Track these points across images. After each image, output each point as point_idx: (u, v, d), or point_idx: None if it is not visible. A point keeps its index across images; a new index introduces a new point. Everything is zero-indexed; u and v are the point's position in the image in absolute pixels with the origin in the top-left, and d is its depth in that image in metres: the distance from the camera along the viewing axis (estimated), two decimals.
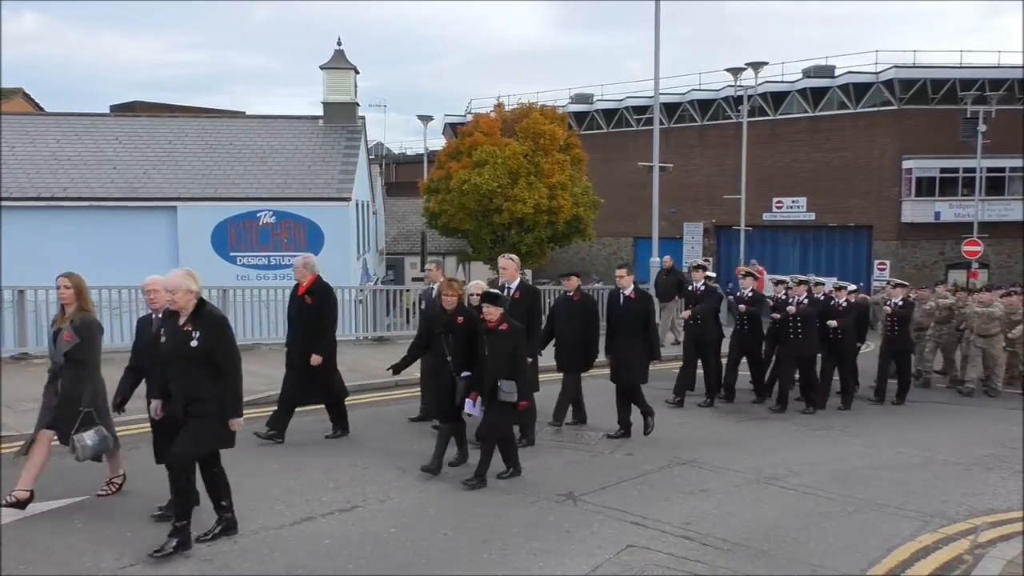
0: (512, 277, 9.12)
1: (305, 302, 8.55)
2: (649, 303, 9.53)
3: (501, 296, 7.59)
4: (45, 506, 6.32)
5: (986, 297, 13.61)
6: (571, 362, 9.43)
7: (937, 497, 7.50)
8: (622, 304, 9.35)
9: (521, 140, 27.33)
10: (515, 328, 7.42)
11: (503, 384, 7.19)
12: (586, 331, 9.33)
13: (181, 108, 32.84)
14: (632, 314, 9.25)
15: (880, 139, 35.27)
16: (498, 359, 7.27)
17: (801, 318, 11.21)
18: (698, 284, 11.94)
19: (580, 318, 9.33)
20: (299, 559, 5.57)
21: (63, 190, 18.97)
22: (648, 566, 5.62)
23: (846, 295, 12.05)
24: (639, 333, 9.20)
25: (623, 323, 9.31)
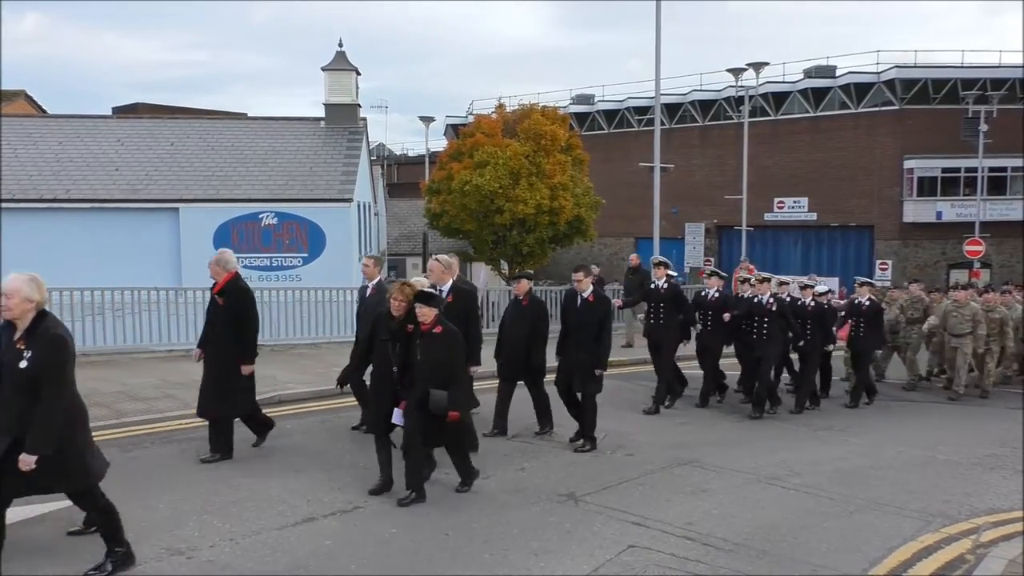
0: (441, 279, 8.41)
1: (217, 302, 7.84)
2: (607, 308, 8.87)
3: (435, 295, 7.02)
4: (47, 507, 6.33)
5: (961, 296, 13.22)
6: (516, 369, 8.99)
7: (938, 497, 7.50)
8: (579, 307, 8.76)
9: (522, 141, 27.31)
10: (451, 332, 6.82)
11: (434, 394, 6.61)
12: (532, 337, 8.84)
13: (183, 110, 32.89)
14: (588, 319, 8.63)
15: (881, 139, 35.28)
16: (431, 365, 6.68)
17: (768, 319, 10.86)
18: (660, 282, 11.30)
19: (528, 322, 8.86)
20: (301, 559, 5.58)
21: (66, 192, 19.00)
22: (649, 566, 5.63)
23: (812, 295, 11.71)
24: (593, 339, 8.61)
25: (578, 327, 8.71)
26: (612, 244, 40.95)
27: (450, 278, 8.48)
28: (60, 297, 13.49)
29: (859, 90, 35.79)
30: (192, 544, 5.75)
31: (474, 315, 8.59)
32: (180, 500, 6.58)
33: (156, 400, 10.35)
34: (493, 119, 29.53)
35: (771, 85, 37.03)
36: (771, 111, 38.00)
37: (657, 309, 11.28)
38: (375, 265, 9.10)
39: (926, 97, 34.52)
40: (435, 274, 8.44)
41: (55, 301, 13.45)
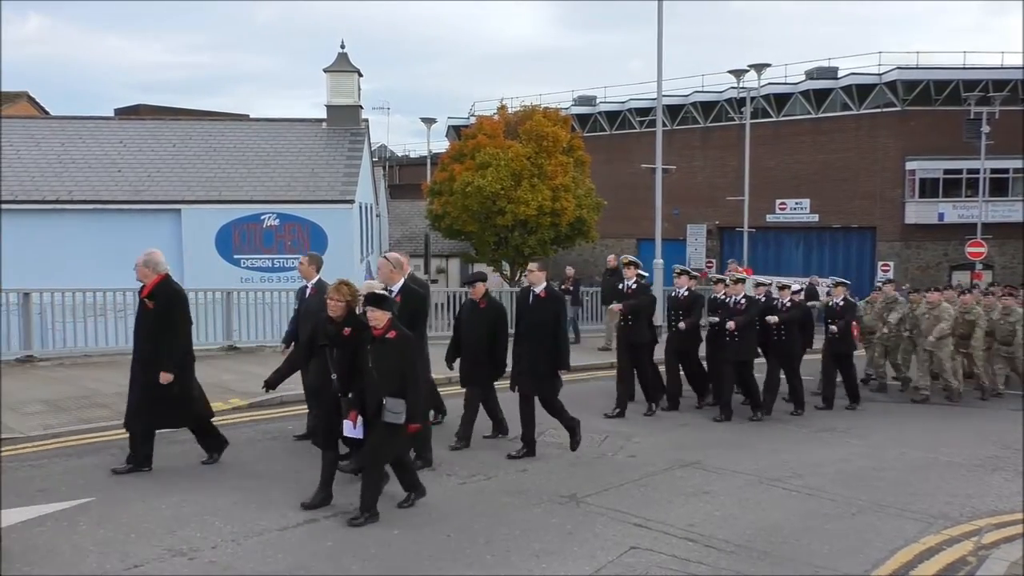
0: (390, 279, 7.82)
1: (146, 306, 7.31)
2: (560, 304, 8.46)
3: (387, 298, 6.55)
4: (50, 507, 6.34)
5: (934, 297, 12.99)
6: (476, 374, 8.66)
7: (940, 498, 7.49)
8: (531, 303, 8.35)
9: (524, 142, 27.32)
10: (405, 337, 6.36)
11: (388, 403, 6.13)
12: (492, 340, 8.51)
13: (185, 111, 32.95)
14: (540, 315, 8.23)
15: (883, 140, 35.25)
16: (384, 372, 6.21)
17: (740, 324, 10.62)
18: (629, 282, 10.90)
19: (485, 326, 8.52)
20: (302, 560, 5.58)
21: (68, 193, 19.02)
22: (651, 568, 5.62)
23: (790, 295, 11.48)
24: (547, 337, 8.19)
25: (530, 325, 8.31)
26: (614, 245, 40.84)
27: (400, 277, 7.92)
28: (62, 298, 13.53)
29: (861, 91, 35.76)
30: (194, 545, 5.75)
31: (422, 318, 8.00)
32: (182, 501, 6.59)
33: None
34: (495, 120, 29.56)
35: (773, 86, 37.00)
36: (773, 112, 37.98)
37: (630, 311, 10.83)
38: (311, 264, 8.45)
39: (928, 98, 34.48)
40: (383, 273, 7.90)
41: (57, 302, 13.51)
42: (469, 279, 9.04)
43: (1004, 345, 13.41)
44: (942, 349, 12.58)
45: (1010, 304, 13.63)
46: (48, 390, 10.81)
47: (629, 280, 10.93)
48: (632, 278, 10.92)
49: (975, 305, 13.33)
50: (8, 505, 6.31)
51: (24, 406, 9.66)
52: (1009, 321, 13.34)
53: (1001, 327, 13.39)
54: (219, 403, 10.14)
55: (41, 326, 13.36)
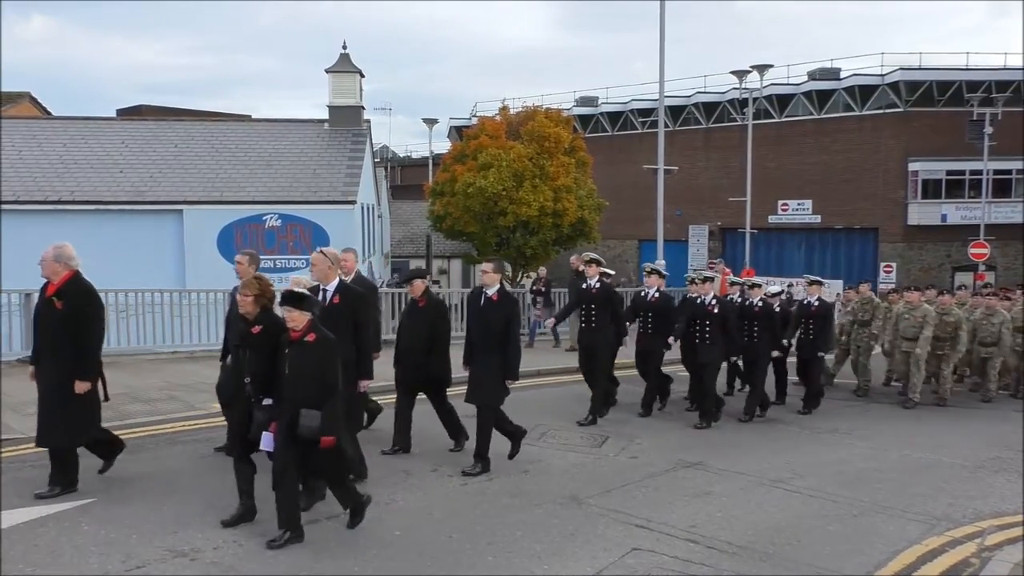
0: (326, 276, 7.13)
1: (54, 306, 6.57)
2: (513, 308, 7.82)
3: (308, 297, 5.92)
4: (52, 508, 6.34)
5: (913, 297, 12.51)
6: (414, 378, 8.24)
7: (943, 500, 7.48)
8: (482, 306, 7.76)
9: (526, 143, 27.34)
10: (325, 340, 5.80)
11: (304, 414, 5.63)
12: (432, 342, 8.08)
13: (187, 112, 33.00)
14: (492, 320, 7.67)
15: (886, 141, 35.25)
16: (302, 379, 5.69)
17: (710, 322, 10.14)
18: (592, 281, 10.33)
19: (426, 326, 8.09)
20: (304, 561, 5.57)
21: (70, 193, 19.04)
22: (653, 569, 5.61)
23: (761, 295, 11.03)
24: (498, 343, 7.65)
25: (481, 330, 7.76)
26: (616, 246, 40.95)
27: (336, 275, 7.23)
28: None
29: (863, 92, 35.76)
30: (195, 546, 5.75)
31: (365, 320, 7.22)
32: (183, 502, 6.58)
33: (160, 402, 10.37)
34: (497, 121, 29.58)
35: (775, 87, 37.01)
36: (775, 113, 37.97)
37: (588, 311, 10.29)
38: (249, 263, 7.69)
39: (931, 99, 34.48)
40: (319, 269, 7.12)
41: None
42: (406, 276, 8.38)
43: (984, 347, 13.01)
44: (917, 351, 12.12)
45: (993, 305, 13.21)
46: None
47: (592, 279, 10.36)
48: (595, 276, 10.33)
49: (954, 306, 12.88)
50: (9, 506, 6.32)
51: (25, 407, 9.65)
52: (992, 322, 12.94)
53: (983, 328, 12.99)
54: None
55: None
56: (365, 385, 7.13)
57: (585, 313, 10.33)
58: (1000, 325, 12.89)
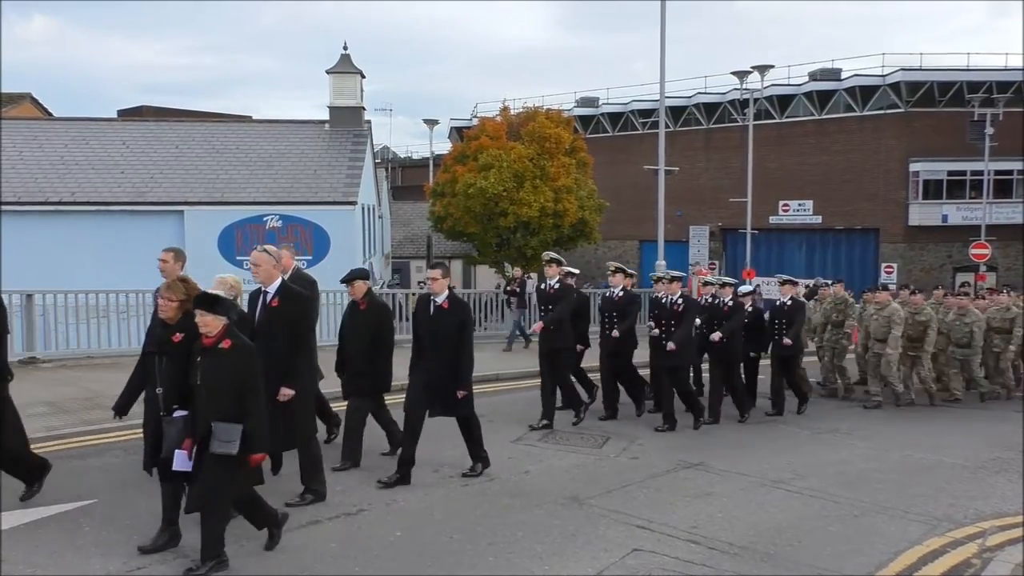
0: (269, 277, 6.55)
1: None
2: (465, 315, 7.38)
3: (221, 300, 5.39)
4: (53, 509, 6.34)
5: (882, 297, 12.27)
6: (358, 386, 7.78)
7: (944, 500, 7.47)
8: (432, 315, 7.32)
9: (527, 144, 27.33)
10: (242, 347, 5.30)
11: (218, 429, 5.13)
12: (374, 347, 7.68)
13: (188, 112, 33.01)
14: (443, 328, 7.24)
15: (887, 142, 35.25)
16: (215, 390, 5.19)
17: (676, 322, 9.75)
18: (551, 281, 9.88)
19: (367, 330, 7.67)
20: (306, 562, 5.58)
21: (71, 194, 19.07)
22: (654, 569, 5.61)
23: (731, 293, 10.64)
24: (451, 353, 7.23)
25: (431, 339, 7.31)
26: (616, 247, 40.92)
27: (279, 276, 6.62)
28: (65, 299, 13.55)
29: (864, 93, 35.75)
30: (197, 546, 5.73)
31: (302, 328, 6.63)
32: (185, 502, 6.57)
33: None
34: (497, 122, 29.57)
35: (776, 88, 36.99)
36: (776, 114, 37.97)
37: (547, 312, 9.86)
38: (175, 260, 6.97)
39: (932, 100, 34.47)
40: (263, 270, 6.50)
41: (59, 303, 13.53)
42: (347, 276, 7.87)
43: (959, 348, 12.75)
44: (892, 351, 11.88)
45: (965, 305, 12.92)
46: (51, 392, 10.82)
47: (551, 279, 9.92)
48: (555, 276, 9.89)
49: (926, 306, 12.55)
50: (11, 507, 6.32)
51: (27, 408, 9.62)
52: (965, 322, 12.66)
53: (956, 328, 12.71)
54: None
55: (44, 327, 13.38)
56: (285, 394, 6.32)
57: (545, 314, 9.91)
58: (972, 325, 12.64)
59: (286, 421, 6.38)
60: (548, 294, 9.94)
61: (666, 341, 9.79)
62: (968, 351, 12.73)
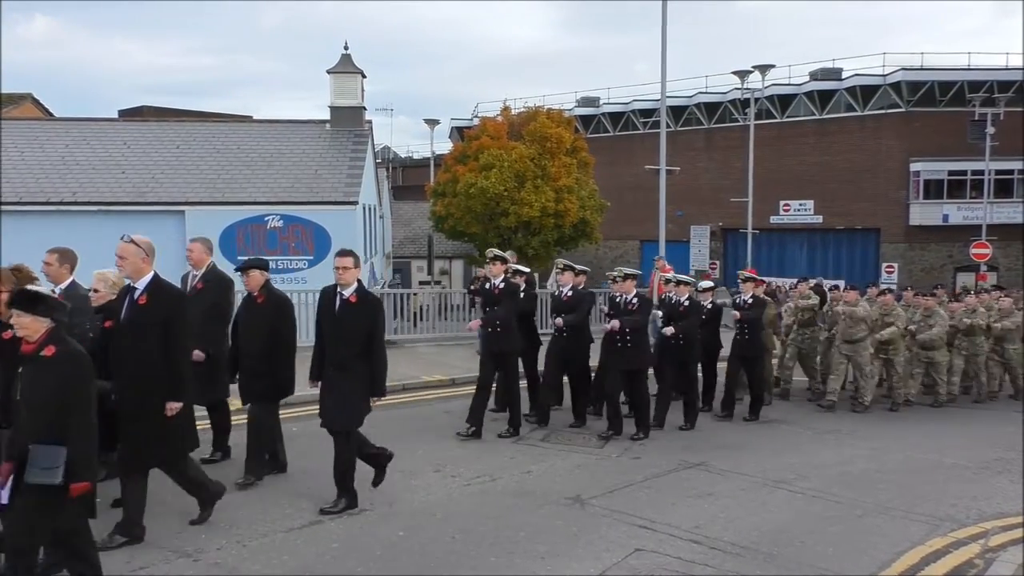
0: (138, 272, 5.68)
1: None
2: (375, 311, 6.55)
3: (44, 298, 4.59)
4: None
5: (852, 296, 11.81)
6: (255, 389, 7.07)
7: (946, 501, 7.47)
8: (337, 311, 6.47)
9: (528, 143, 27.33)
10: (68, 355, 4.49)
11: (37, 453, 4.33)
12: (274, 346, 6.97)
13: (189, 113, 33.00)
14: (350, 326, 6.42)
15: (888, 141, 35.24)
16: (35, 406, 4.41)
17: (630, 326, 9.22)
18: (496, 280, 9.21)
19: (265, 326, 6.98)
20: (307, 562, 5.58)
21: (72, 194, 19.06)
22: (656, 569, 5.61)
23: (689, 291, 10.22)
24: (358, 355, 6.42)
25: (336, 338, 6.48)
26: (617, 247, 40.93)
27: (151, 269, 5.72)
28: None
29: (865, 92, 35.74)
30: (199, 546, 5.75)
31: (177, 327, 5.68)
32: (186, 502, 6.57)
33: None
34: (498, 122, 29.58)
35: (777, 87, 36.99)
36: (777, 114, 37.96)
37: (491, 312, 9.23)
38: (60, 263, 6.34)
39: (932, 99, 34.46)
40: (130, 263, 5.67)
41: None
42: (242, 264, 7.17)
43: (924, 350, 12.33)
44: (860, 353, 11.60)
45: (930, 306, 12.42)
46: None
47: (496, 279, 9.27)
48: (499, 276, 9.26)
49: (896, 307, 12.18)
50: None
51: None
52: (929, 324, 12.21)
53: (921, 329, 12.25)
54: None
55: None
56: (173, 408, 5.59)
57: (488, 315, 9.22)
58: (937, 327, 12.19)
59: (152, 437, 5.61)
60: (492, 294, 9.20)
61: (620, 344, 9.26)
62: (934, 353, 12.32)
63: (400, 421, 9.84)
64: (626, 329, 9.18)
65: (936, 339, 12.20)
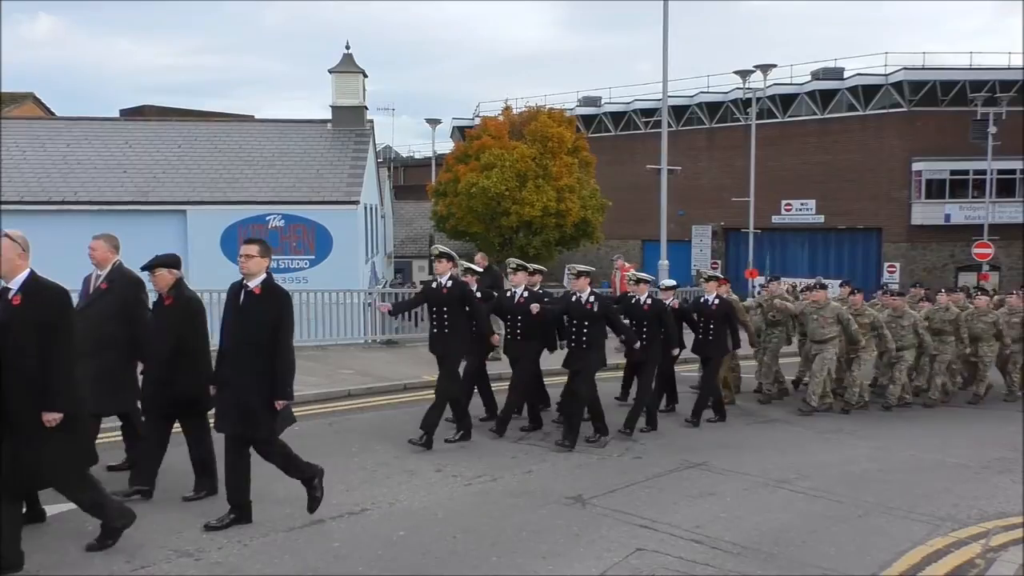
0: (11, 269, 5.26)
1: None
2: (283, 307, 5.97)
3: None
4: (56, 508, 6.33)
5: (820, 296, 11.56)
6: (160, 397, 6.50)
7: (948, 500, 7.46)
8: (242, 304, 5.99)
9: (529, 143, 27.37)
10: None
11: None
12: (180, 352, 6.42)
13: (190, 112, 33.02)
14: (253, 321, 5.90)
15: (889, 141, 35.23)
16: None
17: (588, 322, 8.76)
18: (443, 279, 8.61)
19: (172, 332, 6.41)
20: (309, 561, 5.58)
21: (74, 194, 19.09)
22: (657, 569, 5.61)
23: (649, 290, 9.75)
24: (261, 353, 5.84)
25: (238, 335, 5.96)
26: (619, 246, 40.87)
27: (26, 268, 5.31)
28: None
29: (867, 92, 35.73)
30: (200, 546, 5.75)
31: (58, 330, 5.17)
32: (187, 502, 6.58)
33: None
34: (500, 121, 29.63)
35: (778, 87, 37.00)
36: (778, 113, 37.95)
37: (440, 314, 8.63)
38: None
39: (934, 99, 34.44)
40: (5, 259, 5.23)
41: None
42: (149, 263, 6.60)
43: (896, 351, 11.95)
44: (827, 352, 11.28)
45: (900, 306, 12.12)
46: None
47: (443, 277, 8.69)
48: (445, 274, 8.67)
49: (866, 307, 11.99)
50: None
51: None
52: (902, 325, 11.92)
53: (892, 330, 11.87)
54: None
55: None
56: (51, 419, 5.03)
57: (436, 316, 8.68)
58: (909, 327, 11.93)
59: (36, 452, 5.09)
60: (439, 294, 8.59)
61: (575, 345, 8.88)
62: (903, 354, 11.96)
63: (401, 421, 9.82)
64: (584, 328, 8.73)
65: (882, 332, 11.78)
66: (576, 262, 14.88)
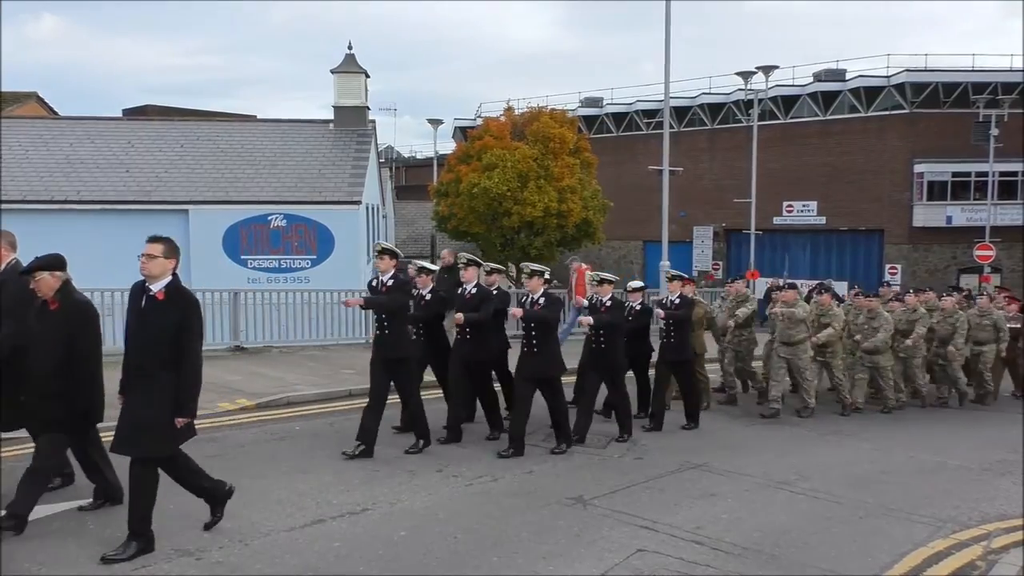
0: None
1: None
2: (188, 312, 5.41)
3: None
4: (57, 508, 6.34)
5: (789, 296, 11.18)
6: (43, 416, 5.80)
7: (949, 502, 7.46)
8: (144, 309, 5.41)
9: (531, 144, 27.35)
10: None
11: None
12: (70, 363, 5.71)
13: (193, 112, 33.08)
14: (155, 328, 5.33)
15: (891, 143, 35.20)
16: None
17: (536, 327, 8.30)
18: (384, 277, 8.11)
19: (59, 339, 5.69)
20: (309, 561, 5.58)
21: (76, 193, 19.13)
22: (658, 570, 5.61)
23: (611, 292, 9.22)
24: (164, 364, 5.29)
25: (138, 344, 5.39)
26: (620, 247, 40.94)
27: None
28: None
29: (869, 93, 35.70)
30: (201, 545, 5.75)
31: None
32: (189, 501, 6.57)
33: None
34: (502, 122, 29.61)
35: (780, 88, 36.96)
36: (780, 114, 37.93)
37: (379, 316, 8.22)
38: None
39: (936, 101, 34.41)
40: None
41: None
42: (28, 267, 5.85)
43: (868, 354, 11.66)
44: (799, 356, 11.02)
45: (874, 307, 11.73)
46: None
47: (385, 275, 8.13)
48: (388, 271, 8.12)
49: (832, 306, 11.63)
50: None
51: None
52: (873, 327, 11.57)
53: (866, 332, 11.61)
54: (226, 403, 10.18)
55: None
56: None
57: (377, 318, 8.31)
58: (881, 329, 11.56)
59: None
60: (380, 292, 8.13)
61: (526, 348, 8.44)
62: (878, 358, 11.67)
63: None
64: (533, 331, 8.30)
65: (880, 344, 11.54)
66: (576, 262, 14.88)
